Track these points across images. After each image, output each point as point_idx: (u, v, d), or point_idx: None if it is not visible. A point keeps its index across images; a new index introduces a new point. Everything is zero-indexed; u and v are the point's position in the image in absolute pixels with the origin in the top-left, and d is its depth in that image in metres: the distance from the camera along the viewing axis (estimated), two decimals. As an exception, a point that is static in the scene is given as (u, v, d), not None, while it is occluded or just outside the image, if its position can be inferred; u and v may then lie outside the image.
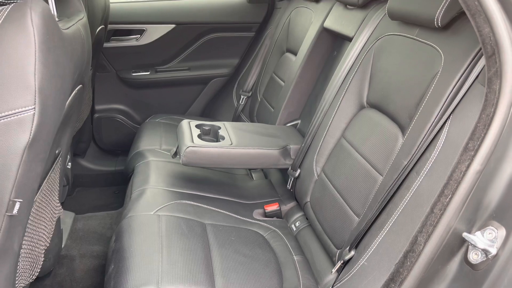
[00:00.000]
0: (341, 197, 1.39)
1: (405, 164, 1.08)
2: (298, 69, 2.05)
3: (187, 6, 2.73)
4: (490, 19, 0.80)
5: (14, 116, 0.84)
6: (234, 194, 1.82)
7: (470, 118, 0.93)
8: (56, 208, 1.39)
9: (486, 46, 0.83)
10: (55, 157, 1.29)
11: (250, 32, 2.74)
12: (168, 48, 2.66)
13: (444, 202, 0.87)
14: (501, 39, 0.81)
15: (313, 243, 1.52)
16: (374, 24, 1.55)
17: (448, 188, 0.87)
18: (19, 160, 0.86)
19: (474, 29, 0.84)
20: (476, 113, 0.88)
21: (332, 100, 1.61)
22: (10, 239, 0.92)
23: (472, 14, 0.82)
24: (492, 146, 0.83)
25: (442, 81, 1.08)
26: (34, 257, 1.16)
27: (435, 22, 1.12)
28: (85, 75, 1.31)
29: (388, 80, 1.35)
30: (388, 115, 1.32)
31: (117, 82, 2.66)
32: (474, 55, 1.02)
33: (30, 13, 0.84)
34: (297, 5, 2.34)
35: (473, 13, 0.82)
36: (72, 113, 1.28)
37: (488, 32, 0.82)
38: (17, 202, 0.88)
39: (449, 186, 0.87)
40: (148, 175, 1.81)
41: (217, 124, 1.91)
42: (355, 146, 1.42)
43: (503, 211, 0.81)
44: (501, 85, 0.82)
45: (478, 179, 0.85)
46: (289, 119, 2.09)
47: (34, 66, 0.84)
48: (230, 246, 1.44)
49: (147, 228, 1.44)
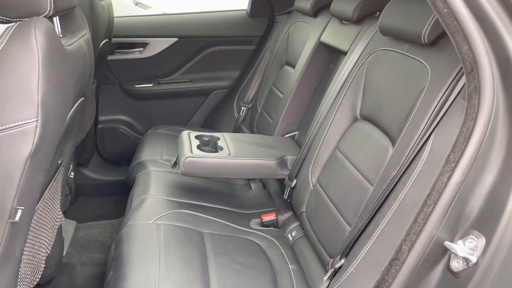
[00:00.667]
0: (335, 207, 1.42)
1: (394, 175, 1.12)
2: (296, 81, 2.10)
3: (190, 20, 2.80)
4: (468, 37, 0.84)
5: (18, 128, 0.89)
6: (232, 203, 1.86)
7: (452, 131, 0.97)
8: (58, 216, 1.44)
9: (465, 63, 0.87)
10: (57, 167, 1.34)
11: (251, 46, 2.80)
12: (171, 61, 2.73)
13: (427, 212, 0.90)
14: (479, 56, 0.85)
15: (308, 252, 1.55)
16: (367, 39, 1.60)
17: (431, 199, 0.90)
18: (21, 169, 0.90)
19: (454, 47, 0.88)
20: (458, 127, 0.91)
21: (327, 112, 1.66)
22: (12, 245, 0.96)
23: (451, 32, 0.86)
24: (472, 158, 0.87)
25: (428, 95, 1.12)
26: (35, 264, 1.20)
27: (422, 39, 1.17)
28: (87, 88, 1.36)
29: (380, 93, 1.40)
30: (379, 127, 1.36)
31: (120, 94, 2.73)
32: (457, 71, 1.06)
33: (34, 32, 0.90)
34: (296, 19, 2.40)
35: (452, 31, 0.86)
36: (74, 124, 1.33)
37: (467, 49, 0.86)
38: (19, 209, 0.93)
39: (431, 197, 0.90)
40: (148, 185, 1.85)
41: (216, 135, 1.95)
42: (348, 158, 1.46)
43: (483, 221, 0.84)
44: (479, 100, 0.86)
45: (459, 190, 0.88)
46: (287, 130, 2.13)
47: (37, 81, 0.89)
48: (227, 254, 1.48)
49: (146, 236, 1.48)
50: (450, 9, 0.83)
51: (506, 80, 0.83)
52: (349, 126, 1.55)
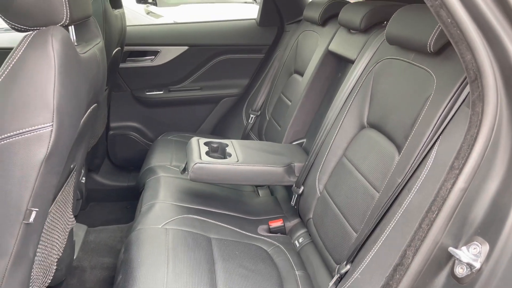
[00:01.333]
0: (342, 214, 1.43)
1: (399, 182, 1.13)
2: (304, 89, 2.12)
3: (200, 29, 2.85)
4: (471, 46, 0.86)
5: (34, 132, 0.92)
6: (240, 210, 1.87)
7: (457, 139, 0.98)
8: (69, 219, 1.47)
9: (469, 72, 0.89)
10: (70, 171, 1.38)
11: (260, 54, 2.83)
12: (181, 69, 2.77)
13: (431, 217, 0.91)
14: (483, 65, 0.86)
15: (315, 259, 1.55)
16: (374, 48, 1.62)
17: (435, 205, 0.91)
18: (36, 172, 0.94)
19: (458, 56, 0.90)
20: (462, 134, 0.92)
21: (334, 120, 1.68)
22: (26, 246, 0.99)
23: (455, 41, 0.88)
24: (476, 165, 0.88)
25: (434, 103, 1.13)
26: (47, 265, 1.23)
27: (428, 48, 1.18)
28: (100, 94, 1.40)
29: (386, 102, 1.41)
30: (386, 134, 1.38)
31: (131, 101, 2.77)
32: (462, 80, 1.07)
33: (51, 40, 0.94)
34: (305, 28, 2.43)
35: (456, 41, 0.88)
36: (87, 130, 1.37)
37: (471, 58, 0.87)
38: (34, 211, 0.96)
39: (436, 203, 0.91)
40: (157, 190, 1.88)
41: (225, 142, 1.98)
42: (355, 165, 1.47)
43: (486, 227, 0.85)
44: (483, 108, 0.88)
45: (463, 196, 0.89)
46: (295, 138, 2.15)
47: (53, 88, 0.92)
48: (234, 260, 1.49)
49: (155, 241, 1.51)
50: (453, 19, 0.85)
51: (509, 88, 0.84)
52: (356, 133, 1.57)
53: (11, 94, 0.91)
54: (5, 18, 0.96)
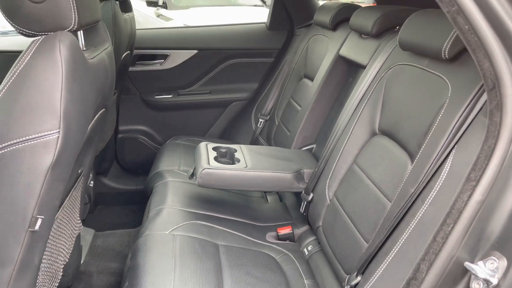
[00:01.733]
0: (352, 223, 1.40)
1: (412, 191, 1.10)
2: (314, 94, 2.09)
3: (209, 32, 2.84)
4: (489, 54, 0.83)
5: (40, 139, 0.91)
6: (248, 216, 1.85)
7: (473, 149, 0.95)
8: (77, 225, 1.46)
9: (487, 80, 0.86)
10: (78, 176, 1.37)
11: (270, 58, 2.81)
12: (190, 73, 2.76)
13: (447, 230, 0.88)
14: (501, 73, 0.83)
15: (324, 268, 1.53)
16: (386, 53, 1.59)
17: (451, 217, 0.88)
18: (42, 179, 0.92)
19: (475, 63, 0.87)
20: (479, 145, 0.89)
21: (345, 126, 1.65)
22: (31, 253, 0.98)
23: (472, 49, 0.85)
24: (493, 177, 0.85)
25: (449, 112, 1.10)
26: (53, 272, 1.22)
27: (443, 54, 1.15)
28: (108, 99, 1.39)
29: (399, 108, 1.38)
30: (398, 142, 1.34)
31: (140, 104, 2.77)
32: (479, 88, 1.04)
33: (59, 45, 0.93)
34: (315, 32, 2.41)
35: (473, 48, 0.85)
36: (95, 135, 1.36)
37: (488, 66, 0.84)
38: (39, 218, 0.95)
39: (451, 215, 0.88)
40: (165, 195, 1.87)
41: (234, 147, 1.96)
42: (366, 172, 1.44)
43: (504, 241, 0.82)
44: (501, 117, 0.84)
45: (480, 209, 0.86)
46: (305, 143, 2.13)
47: (60, 94, 0.91)
48: (242, 267, 1.47)
49: (162, 247, 1.49)
50: (471, 26, 0.82)
51: (529, 97, 0.81)
52: (367, 140, 1.54)
53: (17, 100, 0.90)
54: (13, 23, 0.95)
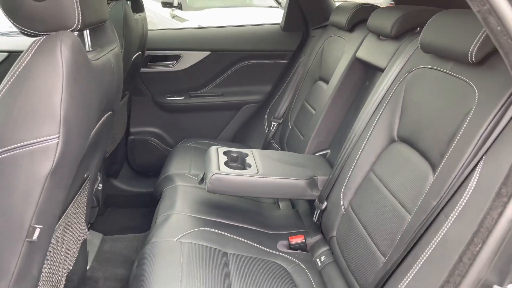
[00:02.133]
0: (368, 234, 1.33)
1: (434, 205, 1.02)
2: (329, 98, 2.02)
3: (222, 33, 2.79)
4: (525, 58, 0.76)
5: (39, 144, 0.86)
6: (259, 223, 1.79)
7: (503, 161, 0.87)
8: (82, 230, 1.42)
9: (521, 86, 0.78)
10: (83, 181, 1.32)
11: (284, 60, 2.75)
12: (203, 74, 2.72)
13: (474, 251, 0.81)
14: (538, 79, 0.76)
15: (337, 280, 1.45)
16: (406, 56, 1.51)
17: (479, 236, 0.81)
18: (41, 186, 0.88)
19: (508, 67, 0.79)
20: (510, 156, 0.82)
21: (362, 131, 1.57)
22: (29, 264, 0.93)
23: (505, 52, 0.78)
24: (527, 193, 0.77)
25: (476, 119, 1.02)
26: (56, 281, 1.18)
27: (469, 57, 1.07)
28: (114, 102, 1.34)
29: (420, 114, 1.30)
30: (418, 150, 1.27)
31: (152, 106, 2.74)
32: (510, 94, 0.96)
33: (60, 46, 0.88)
34: (331, 34, 2.33)
35: (506, 51, 0.77)
36: (101, 138, 1.31)
37: (523, 71, 0.77)
38: (37, 228, 0.90)
39: (479, 234, 0.81)
40: (174, 200, 1.82)
41: (245, 151, 1.90)
42: (383, 181, 1.37)
43: (539, 265, 0.74)
44: (537, 127, 0.77)
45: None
46: (319, 148, 2.06)
47: (60, 97, 0.86)
48: (251, 278, 1.41)
49: (169, 255, 1.44)
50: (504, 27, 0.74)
51: None
52: (385, 147, 1.46)
53: (15, 103, 0.85)
54: (14, 22, 0.90)
